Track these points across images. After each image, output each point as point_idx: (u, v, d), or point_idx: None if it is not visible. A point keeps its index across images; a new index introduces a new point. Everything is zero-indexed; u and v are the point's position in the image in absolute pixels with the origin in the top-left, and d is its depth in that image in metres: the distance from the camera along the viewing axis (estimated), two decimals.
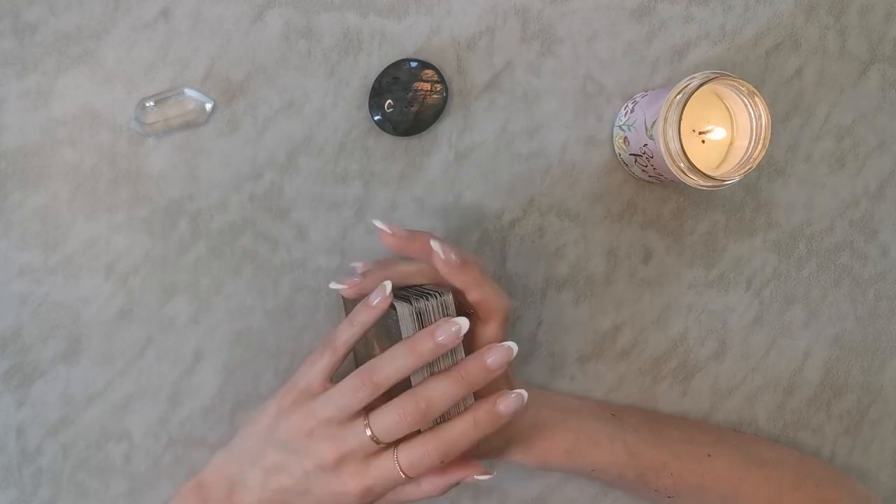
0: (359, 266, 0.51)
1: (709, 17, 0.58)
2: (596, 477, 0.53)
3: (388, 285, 0.46)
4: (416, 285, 0.49)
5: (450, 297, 0.45)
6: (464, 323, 0.44)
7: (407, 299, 0.45)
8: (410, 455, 0.44)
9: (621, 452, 0.53)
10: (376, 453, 0.45)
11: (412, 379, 0.45)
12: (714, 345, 0.59)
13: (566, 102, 0.57)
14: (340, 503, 0.45)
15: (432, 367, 0.45)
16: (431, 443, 0.44)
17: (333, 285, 0.48)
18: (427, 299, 0.44)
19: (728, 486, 0.53)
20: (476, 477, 0.47)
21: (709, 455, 0.54)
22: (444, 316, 0.44)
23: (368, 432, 0.44)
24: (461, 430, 0.45)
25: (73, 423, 0.55)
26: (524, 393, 0.45)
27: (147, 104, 0.53)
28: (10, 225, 0.54)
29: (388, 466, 0.44)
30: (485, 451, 0.51)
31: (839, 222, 0.60)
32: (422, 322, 0.44)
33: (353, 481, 0.45)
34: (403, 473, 0.44)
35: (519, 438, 0.52)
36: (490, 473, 0.48)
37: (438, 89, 0.55)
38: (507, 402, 0.45)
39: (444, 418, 0.45)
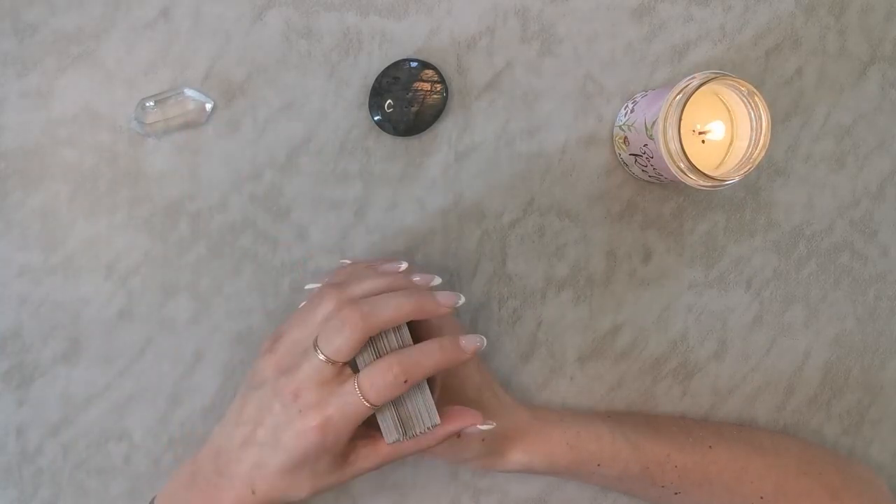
0: (346, 262, 0.54)
1: (709, 17, 0.57)
2: (602, 475, 0.53)
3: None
4: None
5: (404, 328, 0.45)
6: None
7: None
8: (371, 374, 0.42)
9: (623, 444, 0.53)
10: (337, 381, 0.43)
11: (356, 360, 0.44)
12: (714, 345, 0.59)
13: (566, 102, 0.57)
14: (303, 445, 0.42)
15: (378, 350, 0.44)
16: (394, 358, 0.43)
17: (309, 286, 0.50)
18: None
19: (732, 476, 0.53)
20: (479, 427, 0.46)
21: (710, 447, 0.54)
22: (399, 342, 0.44)
23: (321, 356, 0.42)
24: (425, 351, 0.43)
25: (73, 423, 0.55)
26: (483, 338, 0.45)
27: (147, 104, 0.53)
28: (10, 225, 0.54)
29: (347, 391, 0.42)
30: (489, 455, 0.51)
31: (839, 222, 0.60)
32: (377, 350, 0.44)
33: (312, 413, 0.42)
34: (365, 398, 0.42)
35: (520, 436, 0.52)
36: (491, 424, 0.46)
37: (438, 89, 0.55)
38: (469, 338, 0.45)
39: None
